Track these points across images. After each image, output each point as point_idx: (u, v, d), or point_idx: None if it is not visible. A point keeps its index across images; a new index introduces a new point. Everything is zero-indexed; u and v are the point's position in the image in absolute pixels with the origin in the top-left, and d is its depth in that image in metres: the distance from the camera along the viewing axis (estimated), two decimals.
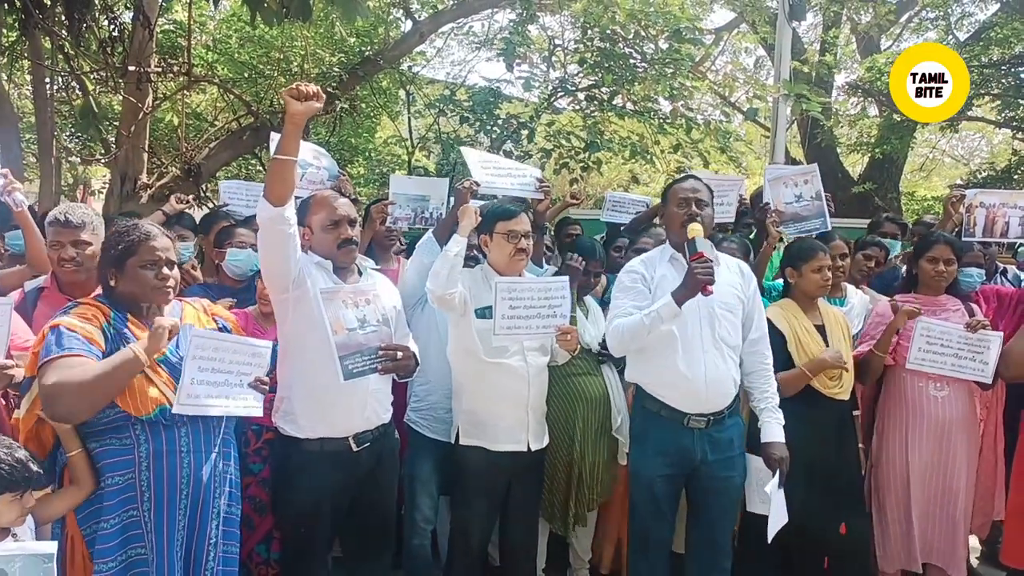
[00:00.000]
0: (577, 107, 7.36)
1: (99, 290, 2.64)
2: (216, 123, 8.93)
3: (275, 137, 3.68)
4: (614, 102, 7.30)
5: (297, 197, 2.92)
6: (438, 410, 3.61)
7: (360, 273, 3.13)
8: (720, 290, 3.12)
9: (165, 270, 2.56)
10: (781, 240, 4.36)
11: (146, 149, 7.08)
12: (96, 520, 2.41)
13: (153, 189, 7.12)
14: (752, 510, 3.37)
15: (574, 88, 7.15)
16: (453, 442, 3.39)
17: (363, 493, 3.05)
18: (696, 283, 2.96)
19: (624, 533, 3.80)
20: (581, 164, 7.20)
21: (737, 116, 11.17)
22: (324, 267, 3.00)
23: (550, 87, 7.35)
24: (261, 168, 9.56)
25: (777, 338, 3.52)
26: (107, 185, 8.79)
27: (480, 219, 3.31)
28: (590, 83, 7.20)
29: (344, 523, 3.10)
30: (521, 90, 7.55)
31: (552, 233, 4.82)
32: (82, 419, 2.39)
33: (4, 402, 2.71)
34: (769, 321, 3.52)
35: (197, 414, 2.47)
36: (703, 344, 3.18)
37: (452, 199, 4.32)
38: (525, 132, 7.15)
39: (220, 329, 2.75)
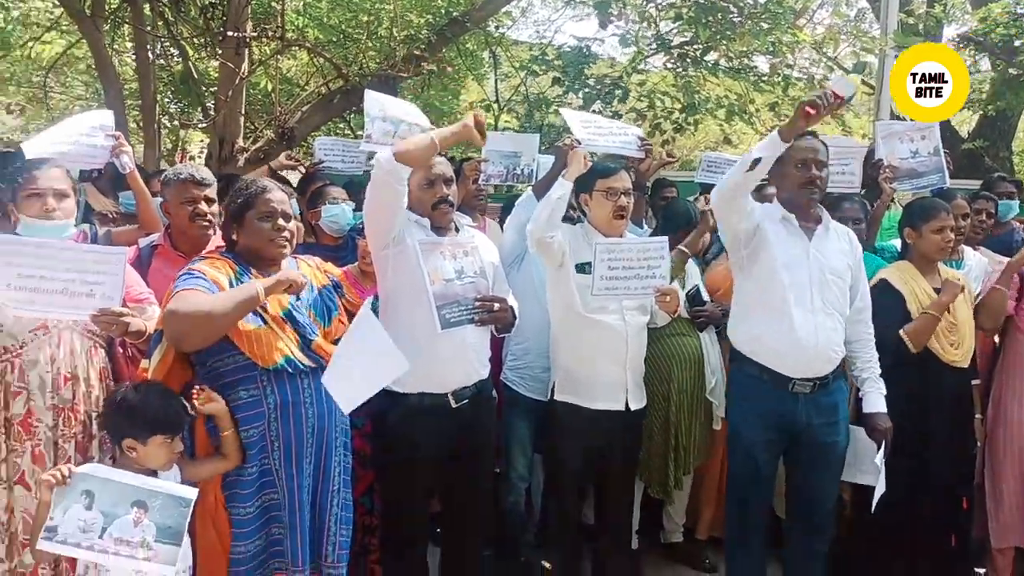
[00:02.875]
0: (671, 66, 7.17)
1: (212, 247, 2.72)
2: (307, 88, 9.05)
3: (369, 95, 3.71)
4: (708, 59, 7.08)
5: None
6: (534, 369, 3.61)
7: (457, 230, 3.13)
8: (830, 257, 3.11)
9: (281, 221, 2.64)
10: (892, 201, 4.19)
11: (242, 113, 7.24)
12: (237, 469, 2.53)
13: (249, 153, 7.29)
14: (848, 479, 3.30)
15: (669, 45, 6.95)
16: (549, 398, 3.38)
17: (462, 449, 3.07)
18: (800, 110, 2.80)
19: (723, 497, 3.74)
20: (674, 125, 7.02)
21: (837, 72, 10.73)
22: (422, 224, 3.01)
23: (643, 44, 7.17)
24: (350, 131, 9.67)
25: (894, 297, 3.39)
26: (204, 150, 9.06)
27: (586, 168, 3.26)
28: (684, 40, 7.00)
29: (441, 478, 3.13)
30: (611, 49, 7.42)
31: (648, 194, 4.73)
32: (196, 344, 2.48)
33: (122, 351, 2.81)
34: (885, 281, 3.40)
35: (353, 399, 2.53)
36: (813, 308, 3.09)
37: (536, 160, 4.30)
38: (618, 92, 7.00)
39: (332, 285, 2.82)
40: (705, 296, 3.83)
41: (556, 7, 10.54)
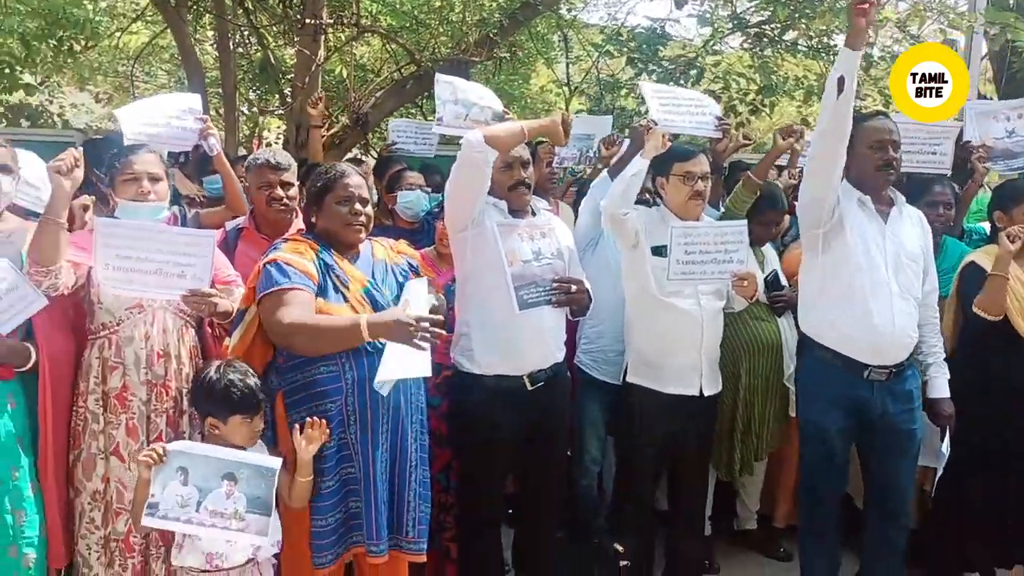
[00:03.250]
0: (747, 46, 7.00)
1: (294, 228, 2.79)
2: (380, 74, 9.15)
3: (440, 79, 3.73)
4: (786, 38, 6.89)
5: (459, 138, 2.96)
6: (608, 352, 3.61)
7: (534, 213, 3.15)
8: (905, 240, 3.06)
9: (358, 206, 2.69)
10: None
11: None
12: None
13: (324, 138, 7.42)
14: None
15: (746, 25, 6.79)
16: (622, 381, 3.38)
17: (536, 432, 3.10)
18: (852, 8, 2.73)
19: None
20: (750, 107, 6.86)
21: None
22: (500, 207, 3.04)
23: (720, 24, 7.02)
24: (422, 117, 9.75)
25: (981, 275, 3.29)
26: (281, 136, 9.26)
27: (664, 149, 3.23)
28: (761, 19, 6.82)
29: (517, 460, 3.16)
30: (684, 31, 7.29)
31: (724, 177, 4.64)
32: (310, 355, 2.56)
33: (211, 331, 2.91)
34: (974, 264, 3.29)
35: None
36: (891, 293, 3.01)
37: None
38: (693, 72, 6.88)
39: (407, 266, 2.85)
40: (783, 280, 3.77)
41: None
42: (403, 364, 2.41)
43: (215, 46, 8.87)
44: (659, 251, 3.18)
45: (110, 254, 2.54)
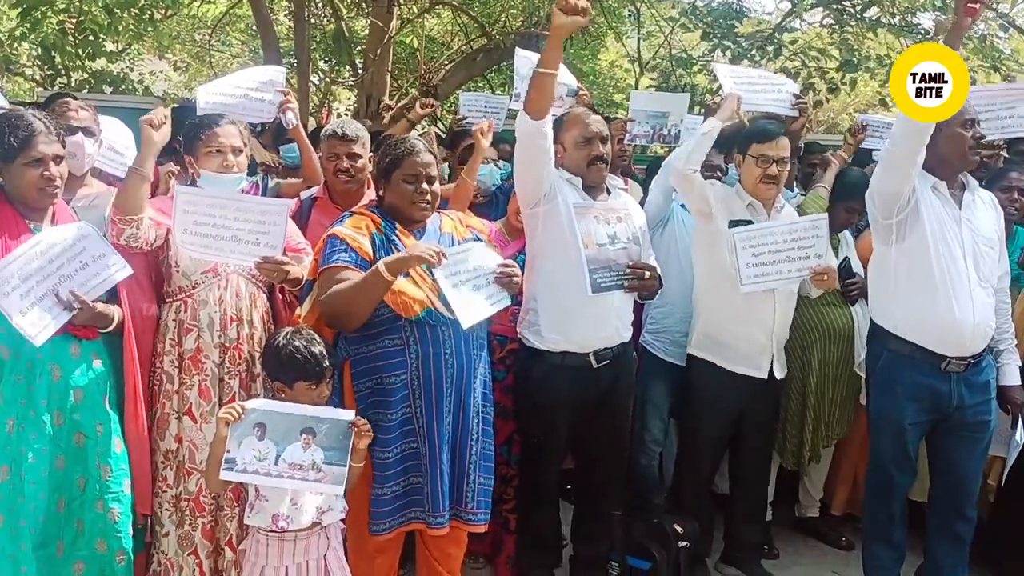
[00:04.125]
0: (828, 22, 6.79)
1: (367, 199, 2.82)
2: (451, 46, 9.17)
3: (520, 54, 3.71)
4: (868, 15, 6.66)
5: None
6: (674, 333, 3.58)
7: (608, 192, 3.11)
8: (980, 225, 2.96)
9: (424, 185, 2.70)
10: None
11: (389, 71, 7.43)
12: (380, 411, 2.63)
13: (394, 110, 7.48)
14: None
15: (828, 1, 6.58)
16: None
17: (599, 409, 3.10)
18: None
19: (862, 475, 3.61)
20: (829, 85, 6.67)
21: (1011, 31, 9.84)
22: (574, 184, 3.01)
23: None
24: (490, 89, 9.74)
25: None
26: (351, 107, 9.36)
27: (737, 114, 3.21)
28: None
29: (579, 436, 3.17)
30: (761, 5, 7.09)
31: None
32: (353, 325, 2.61)
33: (282, 297, 2.97)
34: None
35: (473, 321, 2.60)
36: (970, 283, 2.90)
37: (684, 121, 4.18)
38: (771, 48, 6.71)
39: (474, 239, 2.85)
40: (856, 266, 3.67)
41: None
42: (475, 303, 2.52)
43: (289, 16, 9.01)
44: (736, 225, 3.13)
45: (188, 220, 2.61)
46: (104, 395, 2.61)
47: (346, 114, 10.51)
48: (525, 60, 3.63)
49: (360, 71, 7.56)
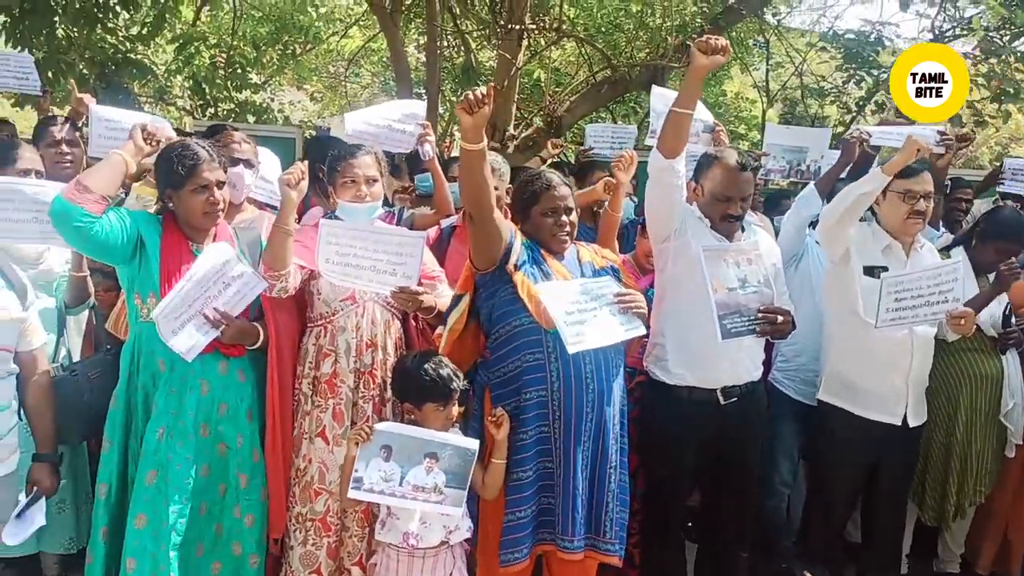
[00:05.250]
0: (974, 53, 6.47)
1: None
2: (576, 77, 9.26)
3: (656, 91, 3.72)
4: (1016, 45, 6.32)
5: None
6: (805, 372, 3.48)
7: (743, 229, 3.06)
8: None
9: (563, 217, 2.74)
10: None
11: (514, 102, 7.57)
12: (520, 430, 2.65)
13: (518, 140, 7.61)
14: None
15: (974, 29, 6.28)
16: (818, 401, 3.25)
17: (726, 447, 3.03)
18: None
19: (1016, 534, 3.39)
20: (975, 118, 6.34)
21: None
22: (705, 222, 2.98)
23: (944, 28, 6.54)
24: (614, 121, 9.77)
25: None
26: None
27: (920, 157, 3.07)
28: (991, 24, 6.28)
29: (705, 473, 3.12)
30: (898, 35, 6.84)
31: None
32: (482, 206, 2.60)
33: (416, 324, 3.07)
34: None
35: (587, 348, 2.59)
36: None
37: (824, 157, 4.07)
38: None
39: (608, 269, 2.86)
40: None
41: None
42: (598, 329, 2.57)
43: (419, 49, 9.34)
44: (871, 272, 3.03)
45: (331, 250, 2.73)
46: (247, 409, 2.77)
47: None
48: (660, 97, 3.64)
49: None
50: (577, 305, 2.60)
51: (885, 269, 3.07)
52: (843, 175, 3.60)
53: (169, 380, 2.64)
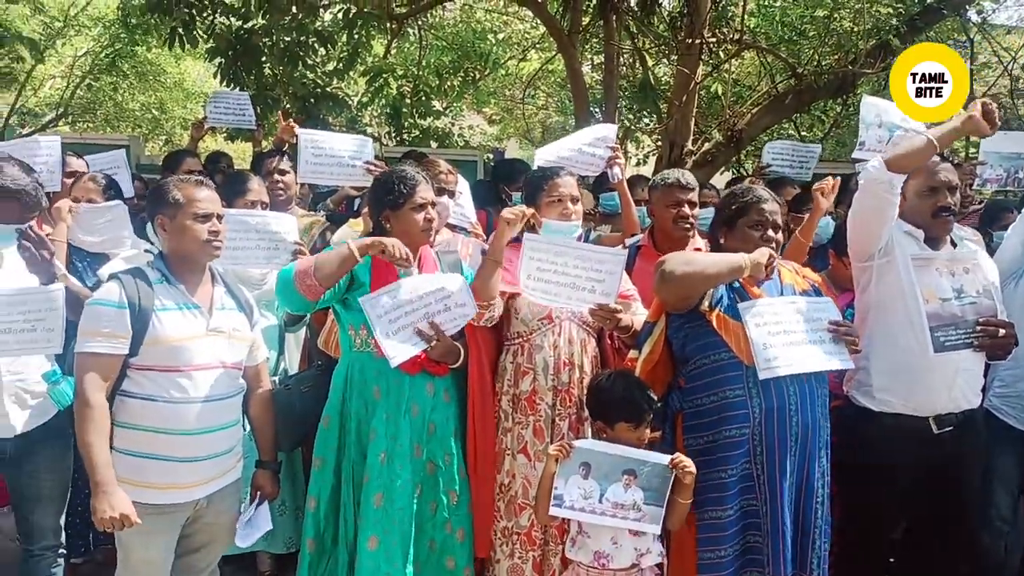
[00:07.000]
0: None
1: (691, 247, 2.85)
2: (757, 89, 8.99)
3: (867, 101, 3.60)
4: None
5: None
6: None
7: (954, 244, 2.90)
8: None
9: (770, 232, 2.71)
10: None
11: (693, 117, 7.44)
12: (716, 468, 2.62)
13: (697, 155, 7.48)
14: None
15: None
16: None
17: (939, 479, 2.85)
18: None
19: None
20: None
21: None
22: (915, 236, 2.84)
23: None
24: (795, 132, 9.40)
25: None
26: (654, 152, 9.51)
27: None
28: None
29: (912, 507, 2.94)
30: None
31: None
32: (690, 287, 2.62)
33: (611, 343, 3.09)
34: None
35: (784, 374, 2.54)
36: None
37: None
38: None
39: (812, 291, 2.79)
40: None
41: None
42: (803, 355, 2.53)
43: (596, 69, 9.40)
44: None
45: (533, 266, 2.82)
46: (453, 429, 2.90)
47: (645, 161, 10.69)
48: (872, 107, 3.50)
49: (664, 117, 7.66)
50: (784, 326, 2.55)
51: None
52: None
53: (385, 406, 2.79)
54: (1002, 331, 2.69)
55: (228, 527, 2.68)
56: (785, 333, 2.56)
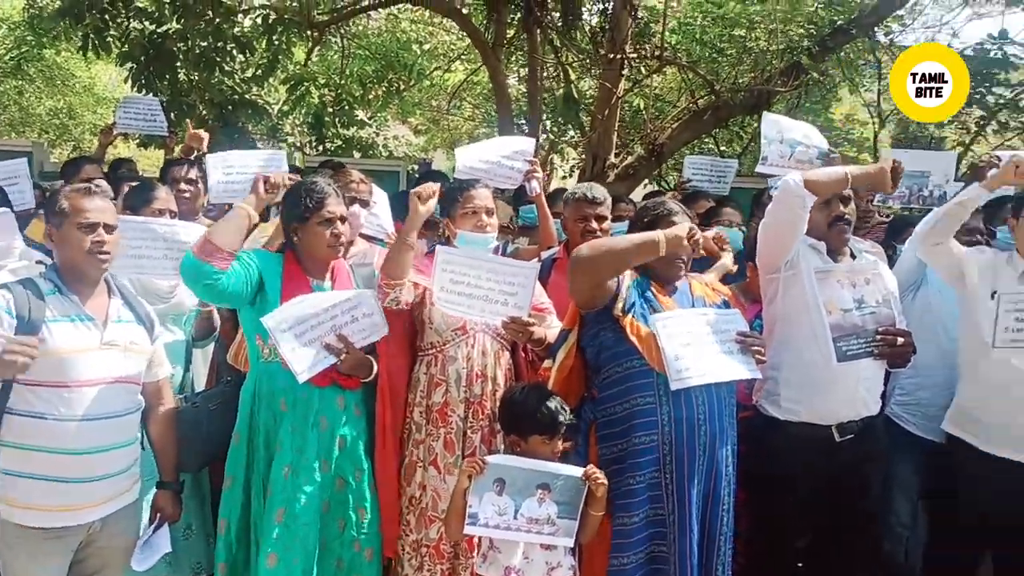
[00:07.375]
0: None
1: None
2: (677, 104, 9.17)
3: (768, 118, 3.66)
4: None
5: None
6: (927, 406, 3.32)
7: (853, 256, 2.98)
8: None
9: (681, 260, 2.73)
10: None
11: (615, 131, 7.55)
12: (625, 475, 2.62)
13: (619, 169, 7.58)
14: None
15: None
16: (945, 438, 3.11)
17: (841, 486, 2.92)
18: None
19: None
20: None
21: None
22: (817, 249, 2.92)
23: None
24: (715, 147, 9.61)
25: None
26: (577, 166, 9.61)
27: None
28: None
29: (816, 514, 3.00)
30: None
31: None
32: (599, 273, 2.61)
33: (525, 356, 3.08)
34: None
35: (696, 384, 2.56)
36: None
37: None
38: None
39: (721, 304, 2.83)
40: None
41: (950, 5, 9.45)
42: (721, 366, 2.55)
43: (520, 81, 9.46)
44: (995, 295, 2.88)
45: (446, 278, 2.80)
46: (364, 444, 2.84)
47: (569, 175, 10.80)
48: (773, 124, 3.58)
49: (587, 131, 7.75)
50: (694, 336, 2.57)
51: None
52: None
53: (292, 418, 2.72)
54: (900, 340, 2.79)
55: (124, 551, 2.56)
56: (696, 344, 2.59)
